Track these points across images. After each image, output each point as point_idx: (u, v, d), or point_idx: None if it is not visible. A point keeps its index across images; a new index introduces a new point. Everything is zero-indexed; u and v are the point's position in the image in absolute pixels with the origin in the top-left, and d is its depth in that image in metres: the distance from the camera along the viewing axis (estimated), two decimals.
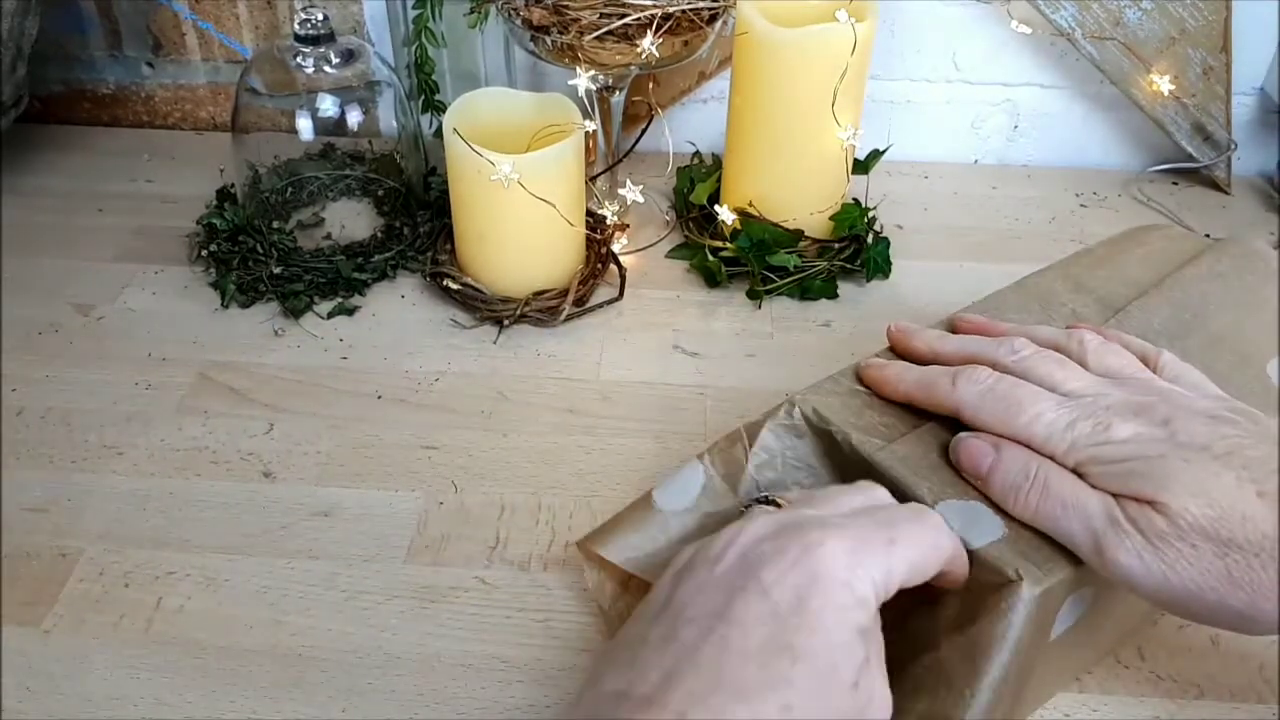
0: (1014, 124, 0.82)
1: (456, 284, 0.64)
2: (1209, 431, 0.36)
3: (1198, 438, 0.35)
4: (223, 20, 0.80)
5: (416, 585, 0.48)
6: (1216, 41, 0.73)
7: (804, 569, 0.32)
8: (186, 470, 0.54)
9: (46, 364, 0.61)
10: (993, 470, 0.38)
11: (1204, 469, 0.34)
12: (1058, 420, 0.38)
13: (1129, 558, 0.34)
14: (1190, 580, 0.34)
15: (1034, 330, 0.44)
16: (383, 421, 0.57)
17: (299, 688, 0.44)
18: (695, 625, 0.31)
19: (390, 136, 0.73)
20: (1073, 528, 0.36)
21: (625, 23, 0.58)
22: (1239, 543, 0.33)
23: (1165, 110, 0.77)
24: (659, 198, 0.76)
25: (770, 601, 0.31)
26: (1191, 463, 0.34)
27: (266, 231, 0.68)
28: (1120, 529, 0.35)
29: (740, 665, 0.30)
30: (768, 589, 0.31)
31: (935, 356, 0.44)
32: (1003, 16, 0.75)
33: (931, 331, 0.46)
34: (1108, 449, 0.36)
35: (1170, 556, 0.34)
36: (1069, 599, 0.38)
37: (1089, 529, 0.35)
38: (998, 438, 0.39)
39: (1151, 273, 0.51)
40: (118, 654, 0.45)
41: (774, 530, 0.34)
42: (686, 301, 0.67)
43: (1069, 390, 0.39)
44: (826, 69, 0.59)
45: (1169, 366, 0.41)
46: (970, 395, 0.40)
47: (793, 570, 0.32)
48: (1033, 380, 0.40)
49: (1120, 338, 0.43)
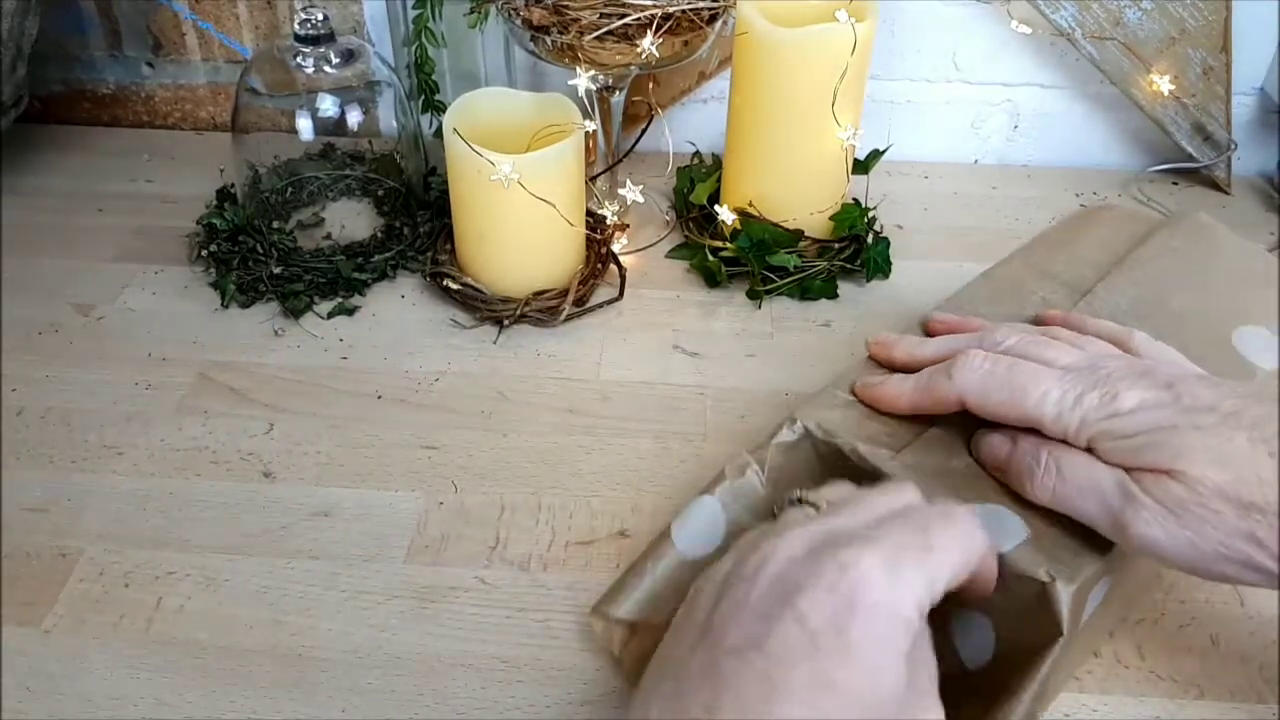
0: (1014, 124, 0.82)
1: (456, 284, 0.64)
2: (1212, 394, 0.36)
3: (1202, 399, 0.35)
4: (223, 20, 0.80)
5: (416, 585, 0.48)
6: (1216, 41, 0.73)
7: (841, 595, 0.30)
8: (186, 470, 0.54)
9: (46, 364, 0.61)
10: (1009, 459, 0.39)
11: (1216, 435, 0.34)
12: (1065, 396, 0.37)
13: (1151, 529, 0.35)
14: (1218, 543, 0.34)
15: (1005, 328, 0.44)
16: (383, 421, 0.57)
17: (299, 688, 0.44)
18: (736, 657, 0.30)
19: (390, 136, 0.73)
20: (1090, 508, 0.36)
21: (625, 23, 0.58)
22: (1259, 505, 0.33)
23: (1165, 110, 0.77)
24: (659, 198, 0.76)
25: (808, 632, 0.30)
26: (1203, 429, 0.35)
27: (266, 231, 0.68)
28: (1137, 503, 0.35)
29: (784, 703, 0.29)
30: (804, 618, 0.30)
31: (917, 362, 0.44)
32: (1003, 16, 0.75)
33: (909, 338, 0.46)
34: (1118, 422, 0.36)
35: (1194, 523, 0.34)
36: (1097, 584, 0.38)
37: (1106, 506, 0.36)
38: (1013, 430, 0.39)
39: (1109, 253, 0.52)
40: (118, 654, 0.45)
41: (807, 549, 0.32)
42: (686, 301, 0.67)
43: (1066, 364, 0.39)
44: (826, 69, 0.59)
45: (1143, 346, 0.42)
46: (971, 382, 0.40)
47: (829, 596, 0.30)
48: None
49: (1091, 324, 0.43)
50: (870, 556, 0.31)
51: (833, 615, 0.30)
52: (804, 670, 0.29)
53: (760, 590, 0.32)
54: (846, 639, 0.30)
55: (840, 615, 0.30)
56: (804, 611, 0.30)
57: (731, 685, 0.30)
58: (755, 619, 0.31)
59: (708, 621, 0.32)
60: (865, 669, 0.30)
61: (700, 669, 0.31)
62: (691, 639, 0.32)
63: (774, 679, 0.29)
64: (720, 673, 0.30)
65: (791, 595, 0.31)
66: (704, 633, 0.32)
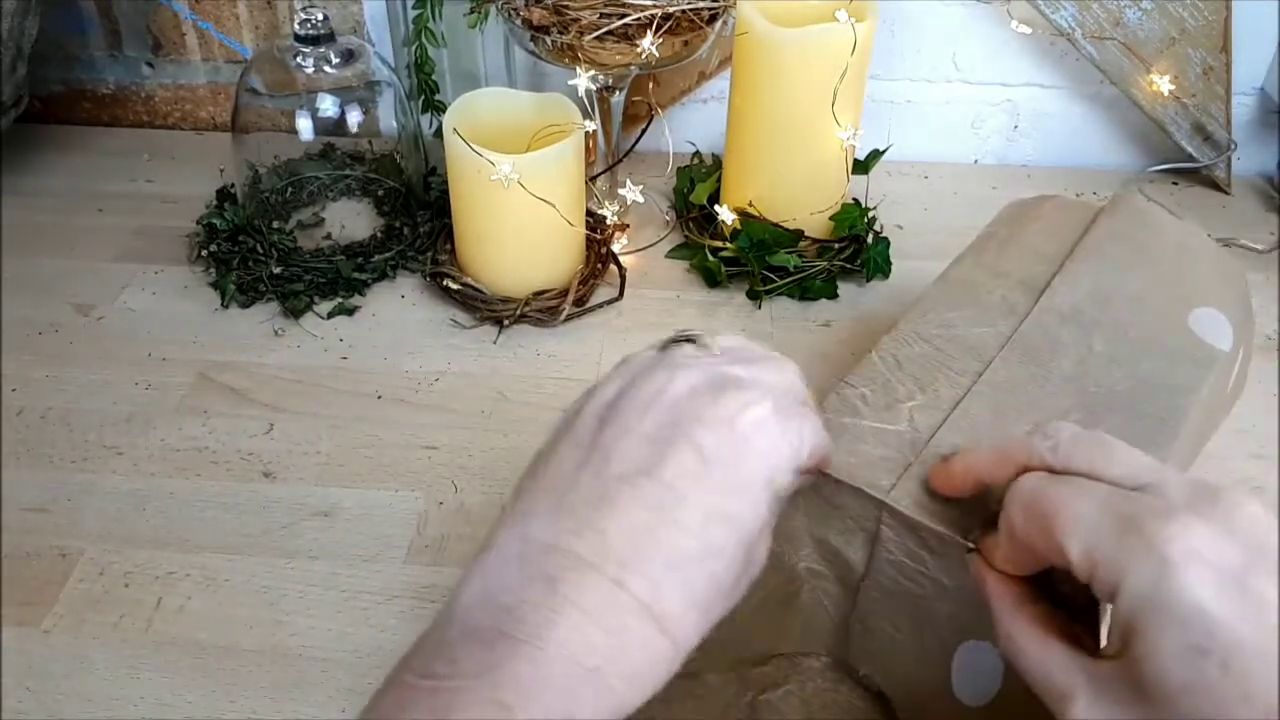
0: (1014, 124, 0.82)
1: (456, 284, 0.64)
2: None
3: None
4: (223, 20, 0.80)
5: (416, 585, 0.48)
6: (1216, 41, 0.73)
7: (739, 433, 0.31)
8: (186, 470, 0.54)
9: (46, 364, 0.61)
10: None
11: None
12: None
13: None
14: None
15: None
16: (383, 421, 0.57)
17: (299, 688, 0.44)
18: (626, 483, 0.30)
19: (390, 136, 0.73)
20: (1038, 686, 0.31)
21: (625, 23, 0.58)
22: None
23: (1165, 110, 0.77)
24: (659, 198, 0.76)
25: (704, 462, 0.31)
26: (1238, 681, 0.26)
27: (266, 231, 0.68)
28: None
29: (672, 530, 0.30)
30: (701, 449, 0.31)
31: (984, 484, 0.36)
32: (1003, 16, 0.75)
33: (964, 473, 0.37)
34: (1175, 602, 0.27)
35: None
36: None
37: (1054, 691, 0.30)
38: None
39: (1057, 243, 0.51)
40: (118, 654, 0.45)
41: (707, 385, 0.33)
42: (686, 301, 0.67)
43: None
44: (826, 69, 0.59)
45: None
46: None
47: (728, 432, 0.31)
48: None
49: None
50: (767, 404, 0.32)
51: (730, 451, 0.31)
52: (696, 500, 0.30)
53: (655, 418, 0.32)
54: (740, 474, 0.31)
55: (738, 451, 0.31)
56: (701, 443, 0.31)
57: (620, 509, 0.30)
58: (649, 445, 0.31)
59: (594, 443, 0.32)
60: (750, 504, 0.31)
61: (586, 491, 0.31)
62: (576, 459, 0.32)
63: (665, 506, 0.30)
64: (608, 496, 0.30)
65: (689, 426, 0.31)
66: (589, 453, 0.32)
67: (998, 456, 0.34)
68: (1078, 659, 0.30)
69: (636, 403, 0.33)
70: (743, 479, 0.31)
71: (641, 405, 0.32)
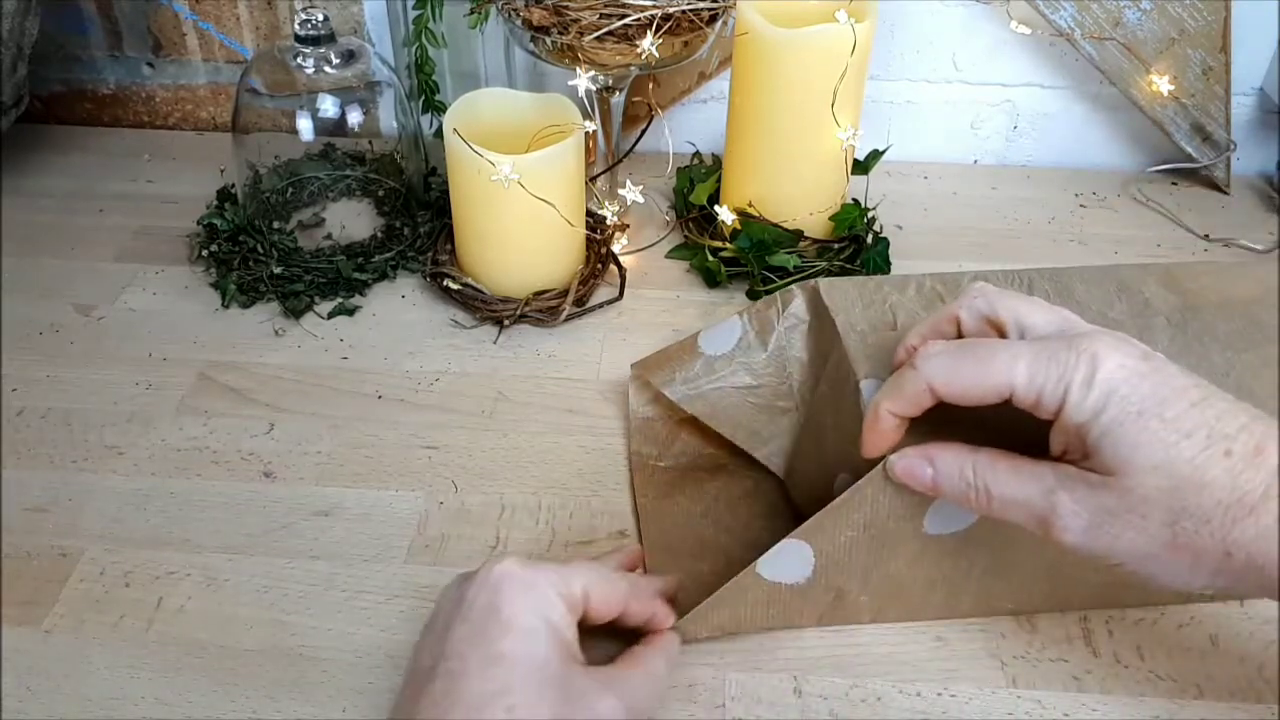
0: (1014, 124, 0.82)
1: (456, 284, 0.64)
2: (1184, 379, 0.35)
3: (1175, 382, 0.34)
4: (223, 20, 0.81)
5: (416, 585, 0.48)
6: (1216, 41, 0.74)
7: (490, 584, 0.38)
8: (187, 470, 0.54)
9: (46, 364, 0.61)
10: (935, 484, 0.39)
11: (1172, 431, 0.33)
12: (1037, 359, 0.36)
13: (1075, 536, 0.35)
14: (1132, 546, 0.34)
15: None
16: (383, 421, 0.57)
17: (299, 688, 0.44)
18: (427, 674, 0.37)
19: (390, 137, 0.73)
20: (1020, 517, 0.37)
21: (625, 23, 0.58)
22: (1190, 510, 0.33)
23: (1165, 110, 0.77)
24: (659, 198, 0.76)
25: (473, 622, 0.37)
26: (1165, 422, 0.34)
27: (267, 232, 0.68)
28: (1064, 513, 0.35)
29: (463, 682, 0.35)
30: (469, 613, 0.37)
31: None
32: (1003, 16, 0.75)
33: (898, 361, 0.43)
34: (1088, 400, 0.34)
35: (1115, 529, 0.34)
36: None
37: (1035, 517, 0.36)
38: (927, 446, 0.39)
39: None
40: (118, 654, 0.45)
41: (467, 576, 0.40)
42: (686, 301, 0.67)
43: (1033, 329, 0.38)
44: (826, 69, 0.59)
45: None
46: (936, 366, 0.37)
47: (483, 589, 0.38)
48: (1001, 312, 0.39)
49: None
50: (510, 559, 0.39)
51: (487, 602, 0.37)
52: (476, 653, 0.36)
53: (437, 625, 0.39)
54: (500, 616, 0.37)
55: (493, 598, 0.37)
56: (467, 608, 0.38)
57: (426, 692, 0.36)
58: (436, 638, 0.38)
59: (415, 670, 0.38)
60: (523, 635, 0.36)
61: (409, 698, 0.37)
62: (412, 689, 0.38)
63: (454, 671, 0.36)
64: (419, 689, 0.36)
65: (457, 605, 0.38)
66: (410, 680, 0.38)
67: (921, 332, 0.41)
68: (1047, 475, 0.36)
69: (431, 629, 0.40)
70: (505, 617, 0.37)
71: (432, 630, 0.39)
